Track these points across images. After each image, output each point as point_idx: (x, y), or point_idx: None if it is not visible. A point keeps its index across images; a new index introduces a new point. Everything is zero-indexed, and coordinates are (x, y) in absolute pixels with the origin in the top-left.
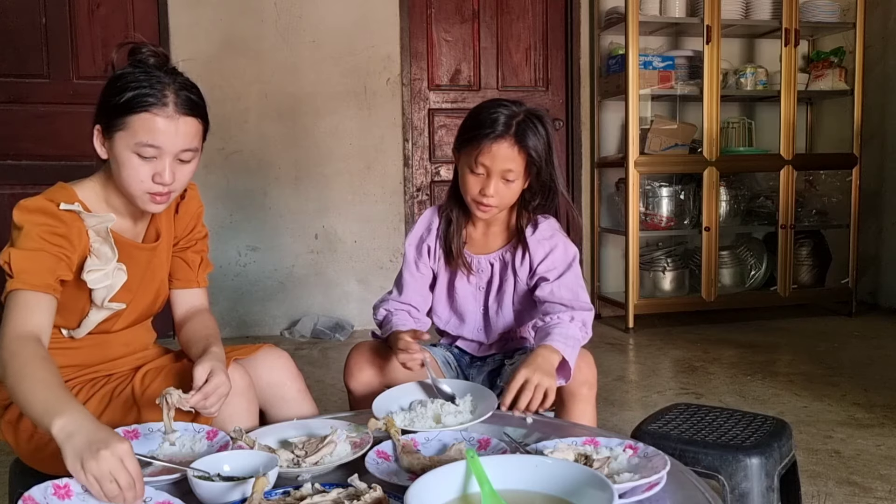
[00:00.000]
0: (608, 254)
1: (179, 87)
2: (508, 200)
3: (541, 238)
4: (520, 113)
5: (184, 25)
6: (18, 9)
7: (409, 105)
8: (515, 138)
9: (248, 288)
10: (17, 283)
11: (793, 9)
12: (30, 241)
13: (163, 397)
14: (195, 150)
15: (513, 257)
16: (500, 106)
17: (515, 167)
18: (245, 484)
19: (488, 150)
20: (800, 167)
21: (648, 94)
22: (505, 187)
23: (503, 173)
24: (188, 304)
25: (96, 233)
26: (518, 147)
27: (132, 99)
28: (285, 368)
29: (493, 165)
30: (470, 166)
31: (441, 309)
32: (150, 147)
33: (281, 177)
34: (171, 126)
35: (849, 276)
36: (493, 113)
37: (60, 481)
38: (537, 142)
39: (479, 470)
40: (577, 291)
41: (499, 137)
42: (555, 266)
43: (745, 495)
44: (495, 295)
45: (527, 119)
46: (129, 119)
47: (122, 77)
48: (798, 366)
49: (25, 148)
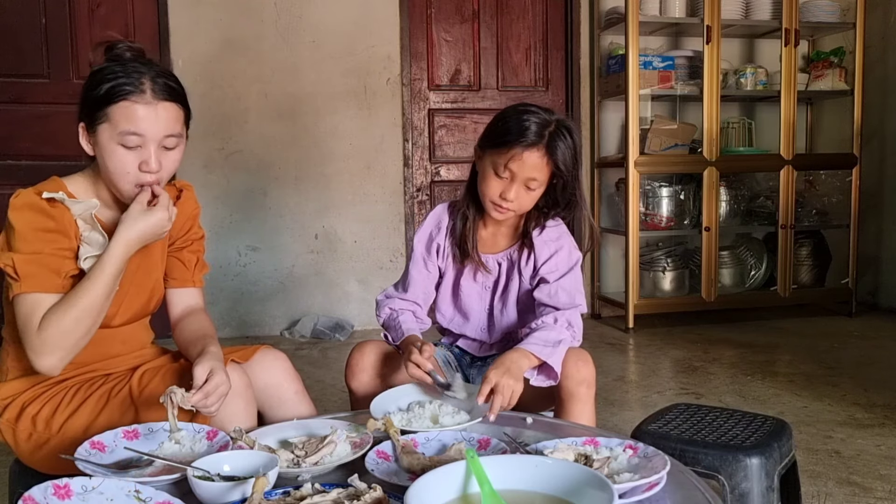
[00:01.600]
0: (608, 254)
1: (156, 75)
2: (526, 207)
3: (547, 239)
4: (551, 122)
5: (184, 25)
6: (18, 9)
7: (409, 105)
8: (546, 149)
9: (248, 288)
10: (25, 286)
11: (793, 9)
12: (26, 242)
13: (167, 396)
14: (178, 136)
15: (519, 257)
16: (532, 113)
17: (540, 176)
18: (245, 484)
19: (518, 158)
20: (800, 167)
21: (648, 94)
22: (526, 194)
23: (527, 181)
24: (184, 304)
25: (83, 220)
26: (547, 157)
27: (110, 90)
28: (282, 370)
29: (519, 172)
30: (496, 169)
31: (445, 307)
32: (133, 135)
33: (281, 177)
34: (150, 112)
35: (849, 276)
36: (526, 120)
37: (60, 481)
38: (566, 154)
39: (479, 470)
40: (574, 295)
41: (531, 146)
42: (557, 268)
43: (745, 495)
44: (501, 294)
45: (558, 130)
46: (109, 110)
47: (99, 72)
48: (798, 366)
49: (25, 148)
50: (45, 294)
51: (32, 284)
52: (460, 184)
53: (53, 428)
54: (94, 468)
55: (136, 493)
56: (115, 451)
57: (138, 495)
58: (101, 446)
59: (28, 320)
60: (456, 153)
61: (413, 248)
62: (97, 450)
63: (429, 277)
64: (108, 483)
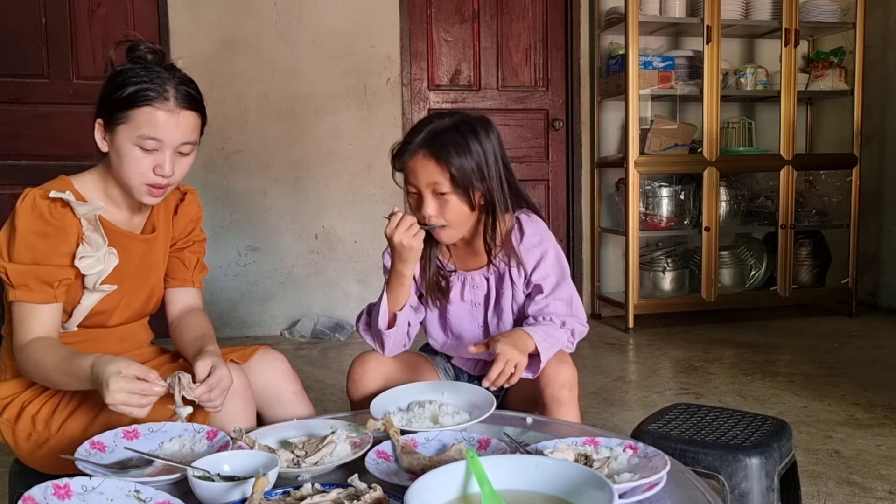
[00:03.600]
0: (608, 254)
1: (179, 83)
2: (457, 218)
3: (529, 246)
4: (445, 125)
5: (184, 25)
6: (18, 9)
7: (409, 105)
8: (430, 151)
9: (248, 288)
10: (19, 294)
11: (793, 9)
12: (23, 248)
13: (174, 377)
14: (194, 144)
15: (507, 267)
16: (429, 122)
17: (441, 179)
18: (245, 484)
19: (408, 166)
20: (800, 167)
21: (648, 94)
22: (444, 203)
23: (432, 187)
24: (182, 303)
25: (87, 221)
26: (434, 159)
27: (134, 93)
28: (281, 370)
29: (418, 182)
30: (407, 189)
31: (436, 332)
32: (152, 140)
33: (281, 177)
34: (171, 120)
35: (849, 276)
36: (418, 127)
37: (60, 481)
38: (459, 152)
39: (479, 470)
40: (573, 303)
41: (412, 153)
42: (548, 274)
43: (745, 495)
44: (494, 308)
45: (447, 130)
46: (131, 113)
47: (122, 73)
48: (798, 366)
49: (25, 148)
50: (37, 305)
51: (25, 295)
52: None
53: (53, 427)
54: (94, 468)
55: (136, 493)
56: (115, 450)
57: (138, 495)
58: (100, 446)
59: (18, 328)
60: None
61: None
62: (97, 450)
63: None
64: (108, 483)
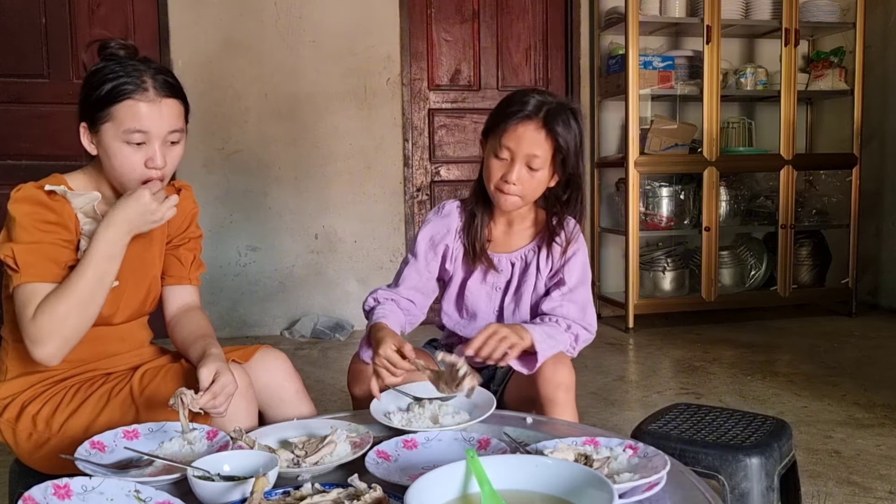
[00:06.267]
0: (608, 254)
1: (156, 72)
2: (531, 191)
3: (570, 237)
4: (553, 102)
5: (184, 25)
6: (18, 9)
7: (409, 105)
8: (544, 122)
9: (247, 288)
10: (24, 276)
11: (793, 9)
12: (26, 233)
13: (177, 398)
14: (181, 132)
15: (536, 256)
16: (533, 92)
17: (541, 153)
18: (245, 484)
19: (514, 131)
20: (800, 167)
21: (648, 94)
22: (529, 176)
23: (528, 159)
24: (180, 301)
25: (84, 213)
26: (545, 132)
27: (112, 89)
28: (283, 369)
29: (517, 149)
30: (495, 150)
31: (451, 309)
32: (138, 132)
33: (281, 177)
34: (154, 109)
35: (849, 276)
36: (524, 97)
37: (60, 481)
38: (566, 132)
39: (479, 470)
40: (586, 309)
41: (525, 119)
42: (573, 271)
43: (745, 495)
44: (513, 295)
45: (559, 108)
46: (112, 109)
47: (97, 72)
48: (798, 366)
49: (25, 148)
50: (43, 283)
51: (31, 274)
52: (460, 184)
53: (53, 427)
54: (94, 468)
55: (136, 493)
56: (115, 450)
57: (138, 495)
58: (101, 446)
59: (24, 309)
60: (456, 153)
61: (415, 244)
62: (97, 450)
63: (427, 276)
64: (108, 483)
